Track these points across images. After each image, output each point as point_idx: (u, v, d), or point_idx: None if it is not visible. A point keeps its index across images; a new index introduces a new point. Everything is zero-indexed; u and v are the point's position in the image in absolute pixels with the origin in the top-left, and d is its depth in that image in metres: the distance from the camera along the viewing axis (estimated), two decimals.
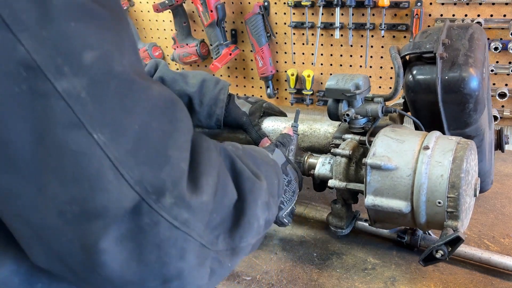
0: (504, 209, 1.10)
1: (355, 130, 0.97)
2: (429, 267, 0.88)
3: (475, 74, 0.86)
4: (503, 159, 1.39)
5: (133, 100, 0.41)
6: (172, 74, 1.09)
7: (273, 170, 0.70)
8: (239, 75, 2.03)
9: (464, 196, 0.77)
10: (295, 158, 1.01)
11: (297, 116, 1.01)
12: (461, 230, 0.78)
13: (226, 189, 0.52)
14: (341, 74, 0.96)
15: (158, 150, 0.42)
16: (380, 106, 0.93)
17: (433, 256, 0.75)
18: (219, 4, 1.80)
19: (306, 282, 0.87)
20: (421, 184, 0.78)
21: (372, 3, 1.60)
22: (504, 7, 1.47)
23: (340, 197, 0.96)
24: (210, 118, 1.08)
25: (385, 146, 0.83)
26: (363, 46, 1.72)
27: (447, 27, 0.96)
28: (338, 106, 0.96)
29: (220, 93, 1.07)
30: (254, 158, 0.65)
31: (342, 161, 0.91)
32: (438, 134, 0.84)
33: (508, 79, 1.56)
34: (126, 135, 0.40)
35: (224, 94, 1.08)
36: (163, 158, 0.42)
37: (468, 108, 0.89)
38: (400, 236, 0.94)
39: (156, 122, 0.42)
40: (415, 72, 0.91)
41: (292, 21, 1.79)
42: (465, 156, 0.77)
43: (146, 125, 0.41)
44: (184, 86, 1.07)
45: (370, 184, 0.83)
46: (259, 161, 0.65)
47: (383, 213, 0.84)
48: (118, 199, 0.39)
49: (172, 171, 0.43)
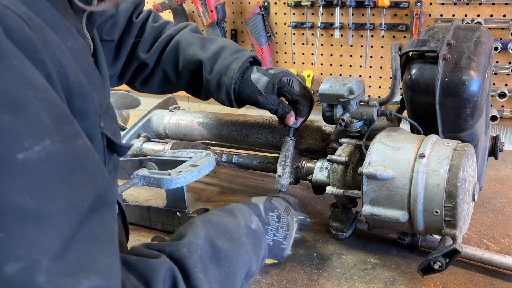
0: (504, 209, 1.10)
1: (351, 134, 0.96)
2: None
3: (476, 79, 0.84)
4: (503, 159, 1.39)
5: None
6: (191, 38, 1.00)
7: (247, 245, 0.67)
8: None
9: (462, 205, 0.76)
10: (293, 164, 1.01)
11: (291, 132, 1.01)
12: (460, 236, 0.77)
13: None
14: (334, 78, 0.94)
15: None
16: (375, 109, 0.92)
17: (431, 267, 0.75)
18: (219, 4, 1.80)
19: (306, 282, 0.87)
20: (417, 193, 0.78)
21: (372, 3, 1.60)
22: (504, 7, 1.47)
23: (339, 202, 0.96)
24: (219, 89, 0.96)
25: (380, 154, 0.83)
26: (363, 46, 1.72)
27: (454, 27, 0.94)
28: (333, 110, 0.95)
29: (233, 62, 0.95)
30: (217, 252, 0.62)
31: (339, 169, 0.91)
32: (435, 139, 0.83)
33: (508, 79, 1.56)
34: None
35: (237, 64, 0.94)
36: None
37: (465, 113, 0.87)
38: (400, 238, 0.94)
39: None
40: (415, 71, 0.89)
41: (292, 21, 1.79)
42: (461, 164, 0.76)
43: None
44: (197, 51, 0.97)
45: (366, 194, 0.83)
46: (223, 253, 0.62)
47: (381, 221, 0.84)
48: None
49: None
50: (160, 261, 0.55)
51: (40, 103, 0.39)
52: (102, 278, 0.42)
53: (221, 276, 0.60)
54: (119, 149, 0.59)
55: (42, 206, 0.38)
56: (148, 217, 1.07)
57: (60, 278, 0.39)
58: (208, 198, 1.25)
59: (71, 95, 0.46)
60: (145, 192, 1.28)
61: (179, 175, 0.88)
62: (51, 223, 0.39)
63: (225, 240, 0.64)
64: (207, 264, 0.59)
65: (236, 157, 1.17)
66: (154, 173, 0.90)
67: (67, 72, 0.46)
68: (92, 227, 0.43)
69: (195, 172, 0.90)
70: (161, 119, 1.32)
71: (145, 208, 1.07)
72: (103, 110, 0.54)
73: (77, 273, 0.40)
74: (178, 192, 1.00)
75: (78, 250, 0.41)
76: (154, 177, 0.88)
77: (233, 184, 1.33)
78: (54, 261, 0.38)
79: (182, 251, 0.58)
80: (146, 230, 1.08)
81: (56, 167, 0.40)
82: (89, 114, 0.50)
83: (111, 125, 0.56)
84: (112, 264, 0.45)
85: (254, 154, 1.18)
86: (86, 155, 0.44)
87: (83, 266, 0.41)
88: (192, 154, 1.00)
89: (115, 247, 0.47)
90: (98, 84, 0.55)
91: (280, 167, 0.99)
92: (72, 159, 0.42)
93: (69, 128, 0.43)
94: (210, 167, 0.95)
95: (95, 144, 0.50)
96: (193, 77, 1.01)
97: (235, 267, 0.63)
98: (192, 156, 0.99)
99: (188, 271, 0.56)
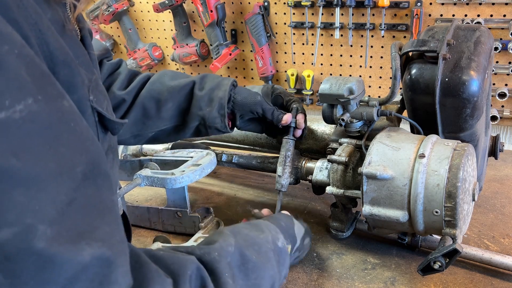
0: (504, 209, 1.10)
1: (352, 134, 0.96)
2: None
3: (476, 79, 0.84)
4: (503, 159, 1.39)
5: (52, 273, 0.37)
6: (173, 73, 0.99)
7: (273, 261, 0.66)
8: (239, 75, 2.03)
9: (462, 205, 0.76)
10: (293, 164, 1.01)
11: (290, 132, 1.01)
12: (460, 236, 0.77)
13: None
14: (334, 78, 0.94)
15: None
16: (375, 109, 0.92)
17: (431, 267, 0.75)
18: (219, 4, 1.80)
19: (306, 282, 0.87)
20: (417, 193, 0.78)
21: (372, 3, 1.60)
22: (504, 7, 1.47)
23: (339, 202, 0.96)
24: (212, 103, 0.92)
25: (380, 154, 0.83)
26: (363, 46, 1.72)
27: (454, 27, 0.94)
28: (333, 110, 0.95)
29: (223, 79, 0.95)
30: (246, 262, 0.61)
31: (339, 169, 0.91)
32: (435, 139, 0.83)
33: (508, 79, 1.56)
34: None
35: (229, 80, 0.95)
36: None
37: (465, 113, 0.87)
38: (400, 238, 0.94)
39: (82, 284, 0.39)
40: (415, 71, 0.89)
41: (292, 21, 1.79)
42: (461, 164, 0.76)
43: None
44: (185, 77, 0.97)
45: (366, 194, 0.83)
46: (251, 264, 0.61)
47: (381, 221, 0.84)
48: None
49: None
50: (190, 259, 0.54)
51: (17, 59, 0.37)
52: (104, 246, 0.41)
53: (247, 286, 0.59)
54: (112, 126, 0.56)
55: (29, 168, 0.36)
56: (148, 217, 1.07)
57: (61, 245, 0.37)
58: (208, 198, 1.25)
59: (54, 63, 0.44)
60: (145, 192, 1.28)
61: (183, 175, 0.88)
62: (42, 187, 0.37)
63: (253, 252, 0.63)
64: (236, 273, 0.58)
65: (236, 157, 1.17)
66: (158, 173, 0.90)
67: (47, 37, 0.43)
68: (90, 196, 0.41)
69: (198, 171, 0.90)
70: None
71: (145, 208, 1.07)
72: (92, 85, 0.51)
73: (78, 241, 0.39)
74: (179, 192, 1.00)
75: (77, 218, 0.40)
76: (157, 177, 0.88)
77: (233, 184, 1.33)
78: (51, 227, 0.37)
79: (213, 255, 0.57)
80: (146, 230, 1.08)
81: (42, 128, 0.38)
82: (76, 86, 0.48)
83: (102, 101, 0.53)
84: (114, 233, 0.43)
85: (254, 154, 1.18)
86: (74, 117, 0.42)
87: (84, 234, 0.40)
88: (193, 154, 1.00)
89: (115, 217, 0.45)
90: (85, 59, 0.53)
91: (280, 167, 0.99)
92: (58, 120, 0.40)
93: (51, 88, 0.41)
94: (212, 166, 0.95)
95: (85, 119, 0.47)
96: (179, 105, 0.95)
97: (261, 280, 0.62)
98: (193, 155, 0.99)
99: (218, 274, 0.55)
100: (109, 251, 0.41)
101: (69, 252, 0.38)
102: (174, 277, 0.50)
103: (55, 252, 0.37)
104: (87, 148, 0.43)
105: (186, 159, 0.96)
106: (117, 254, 0.42)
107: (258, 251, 0.64)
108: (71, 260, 0.38)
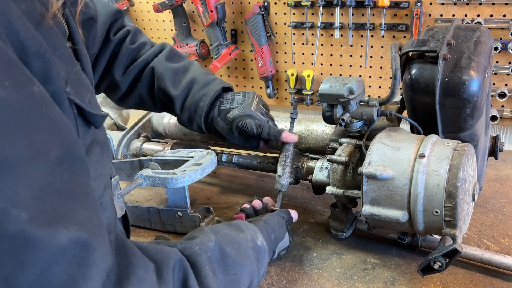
0: (504, 209, 1.10)
1: (352, 134, 0.96)
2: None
3: (476, 79, 0.84)
4: (503, 159, 1.39)
5: (28, 255, 0.37)
6: (163, 69, 1.00)
7: (252, 258, 0.68)
8: (239, 75, 2.03)
9: (462, 205, 0.76)
10: (293, 164, 1.01)
11: (292, 125, 1.01)
12: (460, 236, 0.77)
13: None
14: (334, 78, 0.94)
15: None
16: (375, 109, 0.92)
17: (431, 267, 0.75)
18: (219, 4, 1.80)
19: (306, 282, 0.87)
20: (417, 193, 0.78)
21: (372, 3, 1.60)
22: (504, 7, 1.47)
23: (339, 202, 0.96)
24: (191, 123, 1.02)
25: (380, 154, 0.83)
26: (363, 46, 1.72)
27: (454, 27, 0.94)
28: (333, 110, 0.95)
29: (201, 99, 0.99)
30: (226, 257, 0.62)
31: (338, 168, 0.91)
32: (435, 139, 0.83)
33: (508, 79, 1.56)
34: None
35: (205, 101, 0.98)
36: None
37: (465, 113, 0.87)
38: (400, 238, 0.94)
39: (60, 267, 0.39)
40: (415, 71, 0.89)
41: (292, 21, 1.79)
42: (461, 164, 0.76)
43: (45, 274, 0.38)
44: (169, 86, 0.99)
45: (366, 194, 0.83)
46: (230, 260, 0.62)
47: (381, 221, 0.84)
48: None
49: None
50: (173, 250, 0.55)
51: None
52: (81, 229, 0.41)
53: (226, 281, 0.60)
54: (92, 118, 0.56)
55: (0, 153, 0.37)
56: (148, 217, 1.07)
57: (37, 228, 0.38)
58: (208, 198, 1.25)
59: (26, 53, 0.44)
60: (145, 192, 1.28)
61: (184, 174, 0.88)
62: (15, 171, 0.38)
63: (233, 249, 0.64)
64: (215, 267, 0.59)
65: (236, 157, 1.17)
66: (159, 173, 0.90)
67: (17, 27, 0.43)
68: (66, 181, 0.42)
69: (199, 170, 0.90)
70: (161, 119, 1.32)
71: (145, 208, 1.07)
72: (72, 77, 0.51)
73: (55, 224, 0.39)
74: (179, 192, 1.00)
75: (53, 202, 0.40)
76: (159, 177, 0.88)
77: (233, 184, 1.33)
78: (27, 210, 0.37)
79: (194, 249, 0.58)
80: (146, 230, 1.08)
81: (11, 114, 0.38)
82: (51, 77, 0.48)
83: (82, 94, 0.54)
84: (91, 217, 0.44)
85: (254, 154, 1.18)
86: (45, 103, 0.43)
87: (61, 218, 0.40)
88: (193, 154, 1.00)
89: (92, 201, 0.46)
90: (65, 52, 0.53)
91: (280, 167, 0.99)
92: (29, 106, 0.40)
93: (19, 74, 0.41)
94: (213, 166, 0.95)
95: (62, 111, 0.48)
96: (168, 107, 1.04)
97: (240, 275, 0.63)
98: (193, 155, 0.99)
99: (199, 267, 0.56)
100: (86, 234, 0.41)
101: (46, 235, 0.38)
102: (158, 265, 0.51)
103: (32, 235, 0.37)
104: (60, 133, 0.43)
105: (187, 159, 0.96)
106: (94, 237, 0.42)
107: (237, 249, 0.65)
108: (48, 242, 0.38)
